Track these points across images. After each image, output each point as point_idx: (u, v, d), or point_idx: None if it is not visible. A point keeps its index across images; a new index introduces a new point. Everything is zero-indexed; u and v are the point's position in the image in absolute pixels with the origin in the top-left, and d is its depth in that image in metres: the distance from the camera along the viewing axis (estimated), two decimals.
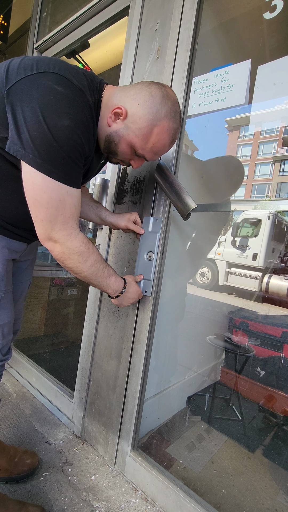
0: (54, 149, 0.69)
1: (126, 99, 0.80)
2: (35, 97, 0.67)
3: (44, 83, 0.68)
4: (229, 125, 2.40)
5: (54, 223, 0.75)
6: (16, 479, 1.11)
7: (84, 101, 0.74)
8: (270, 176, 5.11)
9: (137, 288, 1.06)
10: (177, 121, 0.82)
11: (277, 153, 4.65)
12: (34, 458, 1.18)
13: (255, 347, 2.10)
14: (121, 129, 0.82)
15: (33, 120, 0.66)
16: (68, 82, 0.71)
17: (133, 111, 0.79)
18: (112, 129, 0.83)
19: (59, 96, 0.69)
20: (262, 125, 3.75)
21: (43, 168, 0.69)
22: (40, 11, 2.02)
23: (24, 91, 0.68)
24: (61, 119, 0.68)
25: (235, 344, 2.06)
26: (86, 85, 0.77)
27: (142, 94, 0.79)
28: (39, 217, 0.74)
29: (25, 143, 0.68)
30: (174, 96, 0.82)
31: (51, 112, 0.67)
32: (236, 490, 1.23)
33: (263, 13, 1.09)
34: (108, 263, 0.94)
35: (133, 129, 0.80)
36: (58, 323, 2.56)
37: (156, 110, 0.78)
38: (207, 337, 2.02)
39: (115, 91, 0.84)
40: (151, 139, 0.81)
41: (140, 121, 0.79)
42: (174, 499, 1.05)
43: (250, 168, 5.16)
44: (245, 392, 1.95)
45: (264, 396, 1.87)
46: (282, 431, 1.68)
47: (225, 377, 2.07)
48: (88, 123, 0.76)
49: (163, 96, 0.79)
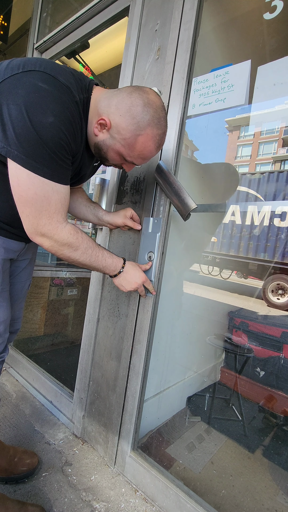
0: (38, 146, 0.70)
1: (109, 109, 0.81)
2: (20, 95, 0.68)
3: (29, 81, 0.69)
4: (229, 125, 2.40)
5: (39, 218, 0.76)
6: (15, 479, 1.11)
7: (70, 98, 0.75)
8: None
9: (140, 273, 1.02)
10: (161, 126, 0.83)
11: (277, 153, 4.65)
12: (34, 458, 1.18)
13: (255, 347, 2.10)
14: (107, 139, 0.84)
15: (18, 118, 0.67)
16: (54, 80, 0.72)
17: (116, 122, 0.80)
18: (99, 138, 0.85)
19: (44, 93, 0.69)
20: (262, 126, 3.75)
21: (27, 165, 0.70)
22: (40, 11, 2.02)
23: (10, 89, 0.69)
24: (46, 116, 0.69)
25: (235, 344, 2.06)
26: (74, 82, 0.77)
27: (123, 104, 0.79)
28: (25, 213, 0.76)
29: (10, 140, 0.69)
30: (156, 101, 0.81)
31: (36, 109, 0.68)
32: (236, 490, 1.23)
33: (263, 14, 1.09)
34: (102, 246, 0.95)
35: (118, 139, 0.82)
36: (58, 323, 2.56)
37: (138, 120, 0.79)
38: (207, 338, 2.02)
39: (101, 96, 0.84)
40: (137, 148, 0.83)
41: (124, 132, 0.80)
42: (174, 499, 1.05)
43: (250, 168, 5.16)
44: (245, 392, 1.95)
45: (264, 397, 1.87)
46: (282, 431, 1.68)
47: (225, 377, 2.07)
48: (75, 119, 0.77)
49: (144, 104, 0.79)
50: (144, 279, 1.03)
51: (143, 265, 1.11)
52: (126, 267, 1.00)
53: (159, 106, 0.81)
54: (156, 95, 0.82)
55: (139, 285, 1.02)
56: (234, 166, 3.74)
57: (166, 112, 0.85)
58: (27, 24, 2.48)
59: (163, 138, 0.85)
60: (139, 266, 1.06)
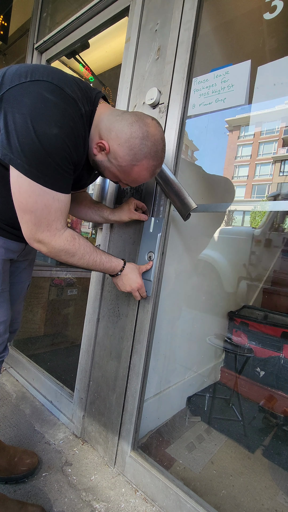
0: (41, 156, 0.71)
1: (109, 135, 0.82)
2: (26, 104, 0.69)
3: (36, 91, 0.70)
4: (229, 125, 2.40)
5: (38, 225, 0.78)
6: (16, 479, 1.12)
7: (75, 110, 0.76)
8: (270, 176, 5.12)
9: (136, 279, 1.05)
10: (158, 157, 0.85)
11: (277, 153, 4.65)
12: (34, 458, 1.18)
13: (254, 347, 2.10)
14: (105, 161, 0.87)
15: (22, 127, 0.68)
16: (60, 91, 0.73)
17: (114, 149, 0.82)
18: (97, 158, 0.87)
19: (50, 104, 0.70)
20: (262, 125, 3.75)
21: (29, 174, 0.72)
22: (40, 11, 2.02)
23: (16, 98, 0.70)
24: (50, 127, 0.70)
25: (235, 344, 2.06)
26: (80, 94, 0.78)
27: (123, 134, 0.81)
28: (24, 219, 0.78)
29: (14, 148, 0.70)
30: (156, 134, 0.83)
31: (41, 120, 0.69)
32: (236, 490, 1.23)
33: (263, 14, 1.09)
34: (101, 250, 0.96)
35: (115, 164, 0.85)
36: (58, 323, 2.56)
37: (135, 152, 0.81)
38: (207, 337, 2.02)
39: (105, 115, 0.84)
40: (132, 175, 0.87)
41: (121, 160, 0.83)
42: (174, 499, 1.05)
43: (251, 168, 5.17)
44: (245, 392, 1.95)
45: (264, 397, 1.87)
46: (282, 431, 1.68)
47: (225, 377, 2.07)
48: (79, 131, 0.78)
49: (143, 137, 0.80)
50: (139, 286, 1.06)
51: (143, 266, 1.11)
52: (125, 270, 1.03)
53: (158, 139, 0.83)
54: (157, 127, 0.84)
55: (133, 289, 1.06)
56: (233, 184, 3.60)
57: (165, 143, 0.88)
58: (27, 24, 2.48)
59: (157, 168, 0.89)
60: (139, 269, 1.07)
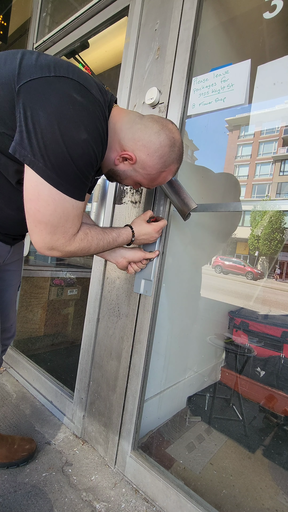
0: (66, 162, 0.66)
1: (135, 145, 0.80)
2: (53, 103, 0.63)
3: (63, 89, 0.65)
4: (229, 125, 2.40)
5: (54, 233, 0.73)
6: (17, 464, 1.19)
7: (101, 114, 0.72)
8: (270, 176, 5.11)
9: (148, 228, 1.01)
10: (181, 160, 0.87)
11: (277, 153, 4.64)
12: (32, 444, 1.26)
13: (255, 347, 2.10)
14: (129, 171, 0.85)
15: (47, 128, 0.63)
16: (88, 92, 0.68)
17: (142, 159, 0.81)
18: (119, 168, 0.85)
19: (78, 107, 0.65)
20: (262, 125, 3.74)
21: (51, 180, 0.66)
22: (40, 11, 2.02)
23: (39, 93, 0.64)
24: (78, 132, 0.65)
25: (236, 344, 2.06)
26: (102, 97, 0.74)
27: (152, 144, 0.79)
28: (39, 227, 0.71)
29: (35, 150, 0.64)
30: (179, 138, 0.84)
31: (69, 123, 0.64)
32: (237, 490, 1.23)
33: (263, 13, 1.09)
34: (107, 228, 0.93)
35: (142, 173, 0.84)
36: (58, 323, 2.56)
37: (164, 160, 0.82)
38: (207, 337, 2.02)
39: (122, 122, 0.81)
40: (157, 180, 0.88)
41: (150, 169, 0.83)
42: (174, 499, 1.05)
43: (251, 168, 5.16)
44: (245, 392, 1.95)
45: (264, 396, 1.87)
46: (282, 431, 1.68)
47: (225, 377, 2.07)
48: (105, 136, 0.75)
49: (171, 145, 0.81)
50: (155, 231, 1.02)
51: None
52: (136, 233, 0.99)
53: (181, 143, 0.85)
54: (177, 130, 0.85)
55: (158, 233, 1.03)
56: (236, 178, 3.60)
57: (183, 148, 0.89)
58: (27, 24, 2.48)
59: (178, 168, 0.90)
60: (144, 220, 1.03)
